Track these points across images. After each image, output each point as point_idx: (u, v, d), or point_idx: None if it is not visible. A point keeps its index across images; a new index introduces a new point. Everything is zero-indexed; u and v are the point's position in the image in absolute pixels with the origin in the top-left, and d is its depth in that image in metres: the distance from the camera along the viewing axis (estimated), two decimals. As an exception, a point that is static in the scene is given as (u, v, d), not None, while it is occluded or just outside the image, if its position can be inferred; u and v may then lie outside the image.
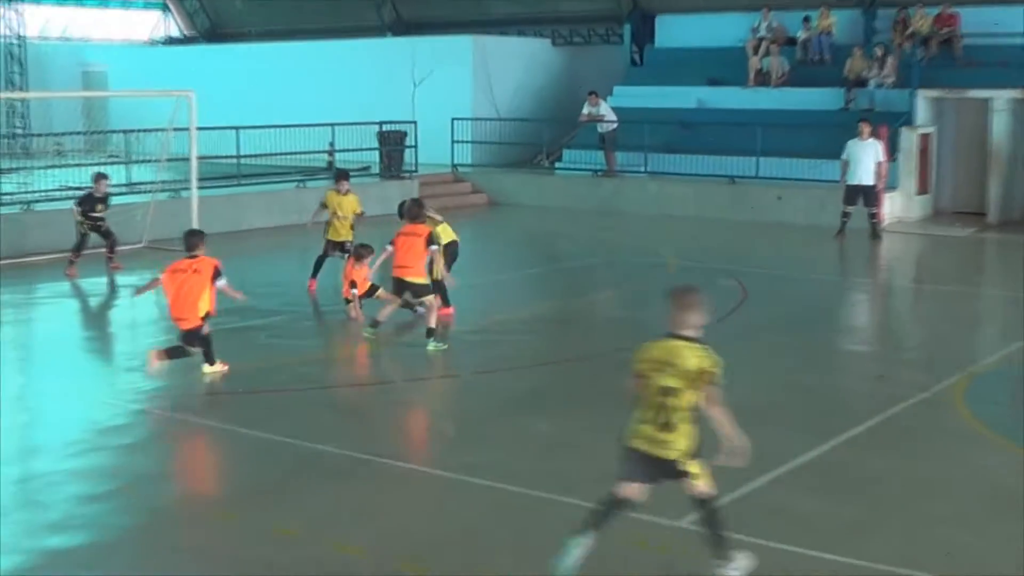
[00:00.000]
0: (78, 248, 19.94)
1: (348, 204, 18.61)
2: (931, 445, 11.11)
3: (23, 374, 14.15)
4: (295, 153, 28.60)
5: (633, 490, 8.08)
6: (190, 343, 13.28)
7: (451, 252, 16.76)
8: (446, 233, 16.63)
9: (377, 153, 30.53)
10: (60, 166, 25.87)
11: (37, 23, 43.48)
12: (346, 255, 17.51)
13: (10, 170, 25.40)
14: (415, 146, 30.49)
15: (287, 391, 12.93)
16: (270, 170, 28.30)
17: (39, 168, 25.36)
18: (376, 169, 30.38)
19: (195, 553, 8.58)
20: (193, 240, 13.78)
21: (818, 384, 13.35)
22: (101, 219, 20.32)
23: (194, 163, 22.87)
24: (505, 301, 18.67)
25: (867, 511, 9.29)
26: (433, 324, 14.77)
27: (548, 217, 28.01)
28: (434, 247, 15.22)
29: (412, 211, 15.53)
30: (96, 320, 17.59)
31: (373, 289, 16.41)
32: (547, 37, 37.26)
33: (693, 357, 7.93)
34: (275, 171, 28.40)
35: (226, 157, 27.19)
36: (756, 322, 16.62)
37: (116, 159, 27.56)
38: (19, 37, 41.50)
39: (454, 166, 32.00)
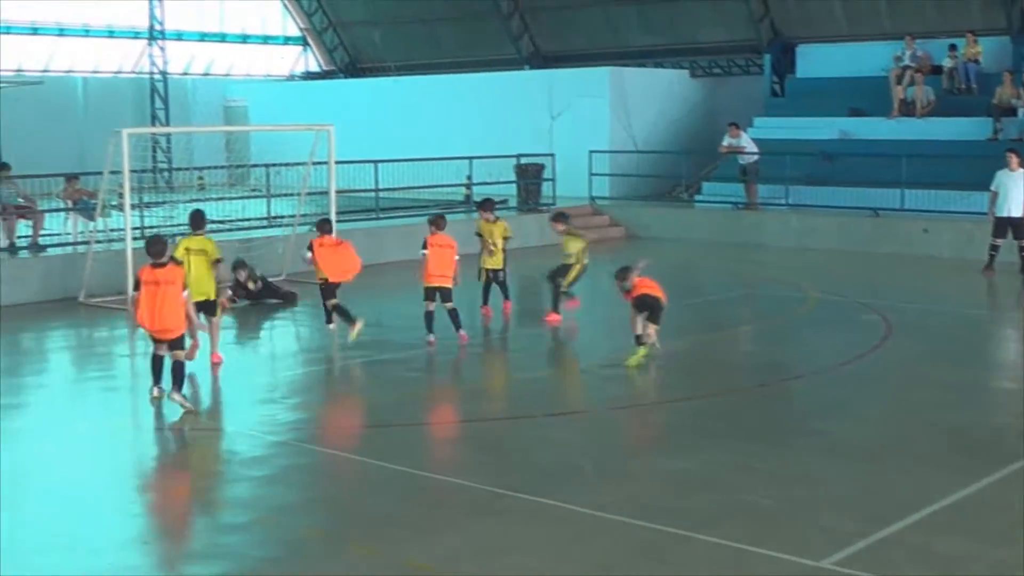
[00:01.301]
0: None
1: (497, 231, 18.94)
2: (1085, 487, 10.80)
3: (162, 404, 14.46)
4: (433, 186, 28.88)
5: None
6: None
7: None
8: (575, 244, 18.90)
9: (515, 186, 30.69)
10: (203, 200, 26.46)
11: (180, 59, 44.58)
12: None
13: (154, 204, 26.03)
14: (553, 179, 30.61)
15: (424, 425, 13.03)
16: (408, 203, 28.62)
17: (182, 202, 25.95)
18: (514, 202, 30.54)
19: (332, 585, 8.67)
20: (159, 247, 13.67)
21: (966, 422, 13.05)
22: (256, 292, 20.61)
23: (333, 196, 23.25)
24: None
25: (1019, 554, 9.04)
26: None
27: (687, 250, 27.85)
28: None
29: (439, 222, 17.36)
30: (237, 350, 17.92)
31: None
32: (685, 68, 37.17)
33: None
34: (413, 204, 28.70)
35: (365, 191, 27.58)
36: (900, 357, 16.34)
37: (257, 192, 28.11)
38: (162, 73, 42.60)
39: (592, 199, 32.03)
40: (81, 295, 20.59)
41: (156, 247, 13.63)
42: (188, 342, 14.05)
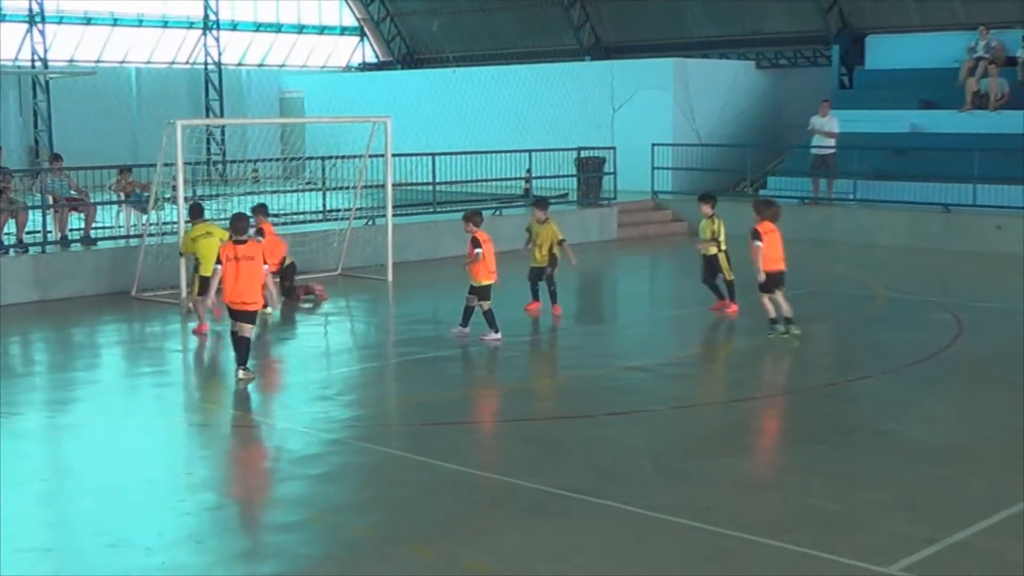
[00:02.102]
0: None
1: (545, 233, 18.86)
2: None
3: (218, 402, 14.57)
4: (491, 180, 28.90)
5: None
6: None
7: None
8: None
9: (575, 180, 30.66)
10: (257, 192, 26.58)
11: (235, 50, 44.87)
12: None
13: (207, 196, 26.18)
14: (614, 172, 30.54)
15: (481, 423, 13.04)
16: (466, 197, 28.64)
17: (236, 195, 26.10)
18: (574, 196, 30.51)
19: (386, 586, 8.70)
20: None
21: (1040, 425, 12.90)
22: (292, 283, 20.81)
23: (389, 190, 23.32)
24: (705, 332, 18.56)
25: (1094, 562, 8.93)
26: None
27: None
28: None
29: (476, 219, 17.49)
30: (290, 347, 18.01)
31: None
32: (751, 59, 36.98)
33: None
34: (471, 198, 28.71)
35: (422, 184, 27.63)
36: (972, 357, 16.19)
37: (312, 186, 28.22)
38: (217, 63, 42.90)
39: (654, 193, 31.94)
40: (133, 289, 20.77)
41: (239, 224, 14.73)
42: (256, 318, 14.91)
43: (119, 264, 21.40)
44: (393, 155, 23.42)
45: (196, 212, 19.00)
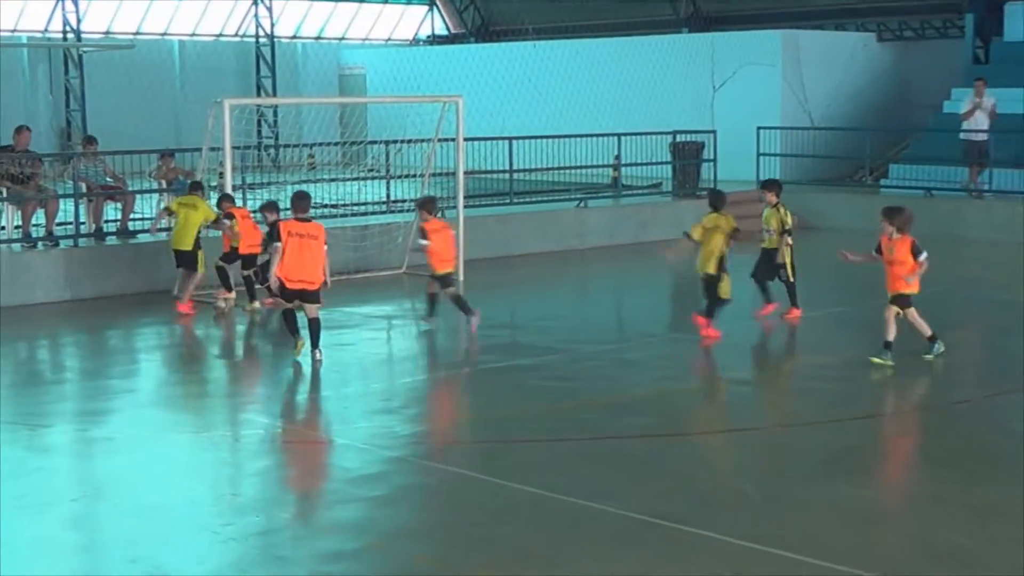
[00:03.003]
0: None
1: (771, 218, 18.77)
2: None
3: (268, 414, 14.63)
4: (575, 167, 28.86)
5: None
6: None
7: None
8: None
9: (670, 168, 30.55)
10: (313, 181, 26.71)
11: (290, 21, 45.15)
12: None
13: (257, 185, 26.33)
14: (714, 159, 30.40)
15: (560, 440, 12.99)
16: (547, 187, 28.62)
17: (290, 183, 26.19)
18: (668, 186, 30.40)
19: (453, 624, 8.69)
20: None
21: None
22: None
23: (460, 178, 23.34)
24: (815, 342, 18.41)
25: None
26: None
27: (869, 243, 27.47)
28: None
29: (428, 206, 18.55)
30: (348, 353, 18.08)
31: None
32: (872, 31, 36.70)
33: None
34: (552, 188, 28.70)
35: (497, 172, 27.66)
36: None
37: (374, 173, 28.31)
38: (269, 36, 43.19)
39: (759, 183, 31.71)
40: (175, 288, 20.88)
41: (303, 202, 16.46)
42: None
43: (159, 260, 21.52)
44: (465, 139, 23.48)
45: (195, 186, 20.56)
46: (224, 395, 15.78)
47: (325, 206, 24.35)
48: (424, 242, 18.02)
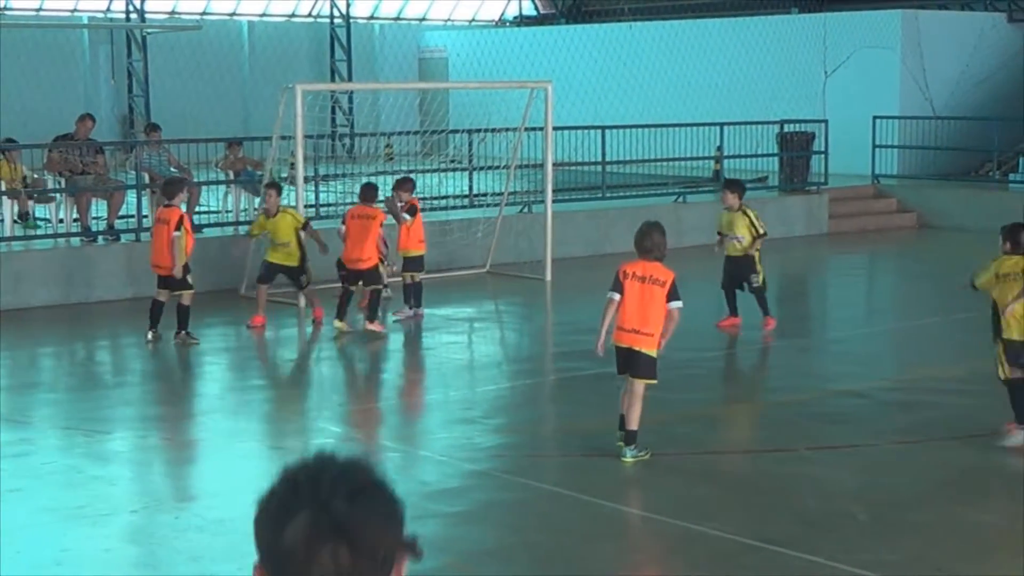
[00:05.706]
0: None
1: (738, 224, 18.61)
2: None
3: (342, 423, 14.75)
4: (673, 159, 28.81)
5: None
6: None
7: None
8: None
9: (776, 160, 30.43)
10: (390, 172, 26.78)
11: (367, 1, 45.35)
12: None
13: (331, 176, 26.44)
14: (825, 151, 30.24)
15: (655, 455, 13.02)
16: (642, 180, 28.58)
17: (366, 175, 26.27)
18: (775, 180, 30.28)
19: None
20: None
21: None
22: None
23: (549, 170, 23.37)
24: (933, 352, 18.26)
25: None
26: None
27: (995, 245, 27.25)
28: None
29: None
30: (428, 358, 18.19)
31: None
32: (1002, 10, 36.36)
33: None
34: (648, 181, 28.66)
35: (588, 164, 27.67)
36: None
37: (456, 164, 28.40)
38: (344, 17, 43.41)
39: (875, 177, 31.57)
40: (242, 287, 20.95)
41: (369, 192, 18.63)
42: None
43: (226, 256, 21.56)
44: (554, 128, 23.49)
45: (272, 185, 19.96)
46: (295, 402, 15.90)
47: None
48: (408, 217, 19.00)
